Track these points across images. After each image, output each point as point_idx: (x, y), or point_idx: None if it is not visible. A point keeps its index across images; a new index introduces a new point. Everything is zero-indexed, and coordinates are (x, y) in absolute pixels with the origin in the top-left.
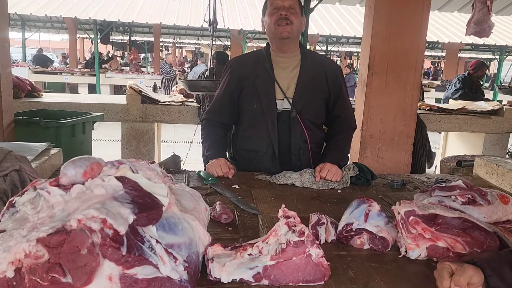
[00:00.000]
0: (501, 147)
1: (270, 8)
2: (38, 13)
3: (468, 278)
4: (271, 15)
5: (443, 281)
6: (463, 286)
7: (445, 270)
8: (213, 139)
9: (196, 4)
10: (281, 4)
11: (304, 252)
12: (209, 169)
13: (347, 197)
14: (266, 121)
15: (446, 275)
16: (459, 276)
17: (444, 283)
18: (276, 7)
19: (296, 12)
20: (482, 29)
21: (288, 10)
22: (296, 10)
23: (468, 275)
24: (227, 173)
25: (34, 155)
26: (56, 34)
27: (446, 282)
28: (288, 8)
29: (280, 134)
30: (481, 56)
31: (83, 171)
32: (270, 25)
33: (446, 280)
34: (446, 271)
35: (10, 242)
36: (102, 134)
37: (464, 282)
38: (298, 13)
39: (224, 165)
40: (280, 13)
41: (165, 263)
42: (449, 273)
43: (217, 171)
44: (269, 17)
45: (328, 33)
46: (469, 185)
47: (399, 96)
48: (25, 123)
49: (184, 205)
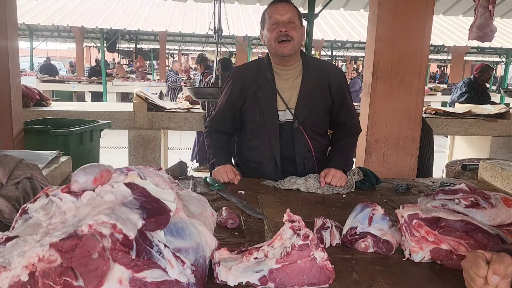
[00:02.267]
0: (508, 150)
1: (269, 23)
2: (45, 23)
3: (507, 267)
4: (271, 30)
5: (479, 270)
6: (502, 274)
7: (480, 258)
8: (217, 145)
9: (201, 11)
10: (280, 19)
11: (309, 255)
12: (215, 175)
13: (351, 201)
14: (268, 133)
15: (482, 263)
16: (498, 264)
17: (480, 272)
18: (275, 22)
19: (295, 25)
20: (485, 33)
21: (288, 25)
22: (296, 23)
23: (507, 263)
24: (233, 179)
25: (44, 163)
26: (63, 43)
27: (483, 270)
28: (288, 22)
29: (283, 145)
30: (488, 59)
31: (93, 178)
32: (271, 42)
33: (483, 268)
34: (481, 259)
35: (24, 247)
36: (109, 141)
37: (504, 270)
38: (297, 26)
39: (230, 172)
40: (280, 30)
41: (173, 267)
42: (485, 261)
43: (223, 177)
44: (268, 33)
45: (333, 38)
46: (473, 188)
47: (404, 100)
48: (35, 131)
49: (191, 211)
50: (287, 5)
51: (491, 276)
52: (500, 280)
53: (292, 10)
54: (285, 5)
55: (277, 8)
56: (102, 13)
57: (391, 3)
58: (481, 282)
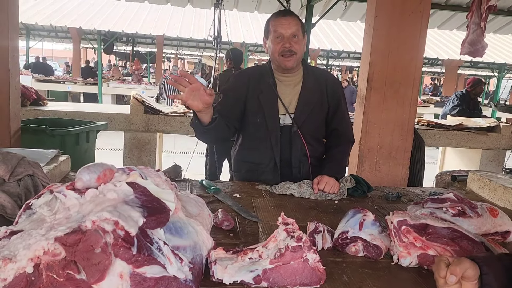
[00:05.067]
0: (497, 164)
1: (273, 35)
2: (43, 23)
3: (463, 269)
4: (275, 43)
5: (440, 271)
6: (458, 275)
7: (442, 261)
8: None
9: (200, 16)
10: (284, 34)
11: (302, 256)
12: (191, 106)
13: (343, 207)
14: (269, 135)
15: (443, 265)
16: (455, 265)
17: (441, 272)
18: (280, 36)
19: (299, 39)
20: (476, 49)
21: (292, 39)
22: (299, 37)
23: (464, 266)
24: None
25: (45, 162)
26: (60, 43)
27: (442, 271)
28: (292, 36)
29: (281, 148)
30: (481, 73)
31: (96, 177)
32: (274, 54)
33: (443, 270)
34: (443, 262)
35: (30, 240)
36: (104, 143)
37: (459, 271)
38: (301, 39)
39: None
40: (284, 46)
41: (172, 263)
42: (446, 264)
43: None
44: (272, 44)
45: (329, 47)
46: (460, 197)
47: (397, 111)
48: (32, 130)
49: (189, 211)
50: (291, 19)
51: (449, 276)
52: (464, 282)
53: (297, 24)
54: (289, 19)
55: (282, 22)
56: (100, 15)
57: (387, 16)
58: (442, 282)
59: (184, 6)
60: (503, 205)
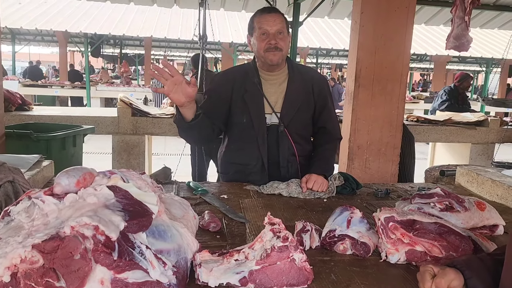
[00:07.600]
0: (486, 157)
1: (258, 32)
2: (28, 27)
3: (449, 281)
4: (260, 40)
5: (425, 283)
6: (444, 287)
7: (427, 272)
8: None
9: (187, 17)
10: (269, 31)
11: (288, 256)
12: (173, 100)
13: (332, 205)
14: (256, 135)
15: (428, 277)
16: (440, 278)
17: (426, 285)
18: (265, 33)
19: (284, 36)
20: (461, 43)
21: (277, 36)
22: (284, 34)
23: (449, 278)
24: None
25: (27, 167)
26: (46, 47)
27: (428, 283)
28: (277, 33)
29: (269, 148)
30: (469, 68)
31: (76, 181)
32: (260, 51)
33: (428, 282)
34: (428, 273)
35: (6, 248)
36: (93, 147)
37: (445, 284)
38: (286, 36)
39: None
40: (270, 43)
41: (155, 268)
42: (431, 275)
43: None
44: (257, 42)
45: (318, 45)
46: (447, 192)
47: (385, 107)
48: (16, 136)
49: (173, 213)
50: (276, 16)
51: None
52: None
53: (281, 20)
54: (274, 16)
55: (267, 19)
56: (86, 17)
57: (373, 13)
58: None
59: (170, 6)
60: (491, 198)
